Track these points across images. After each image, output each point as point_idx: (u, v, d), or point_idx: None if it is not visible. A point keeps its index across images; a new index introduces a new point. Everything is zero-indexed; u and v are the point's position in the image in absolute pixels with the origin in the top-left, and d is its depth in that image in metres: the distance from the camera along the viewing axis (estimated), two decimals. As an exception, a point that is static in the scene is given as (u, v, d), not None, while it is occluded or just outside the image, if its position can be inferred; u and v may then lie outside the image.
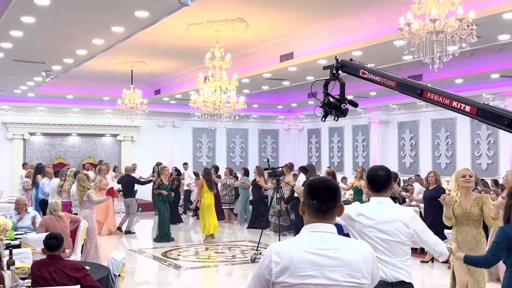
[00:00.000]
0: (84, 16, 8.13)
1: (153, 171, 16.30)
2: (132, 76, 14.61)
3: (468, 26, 6.34)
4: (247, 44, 11.79)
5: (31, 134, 19.44)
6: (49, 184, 12.06)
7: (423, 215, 9.72)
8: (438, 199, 6.07)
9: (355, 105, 4.37)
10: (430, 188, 9.69)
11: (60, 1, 7.29)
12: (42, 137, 19.75)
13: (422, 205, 10.32)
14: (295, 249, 2.39)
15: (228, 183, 15.37)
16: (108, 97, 17.88)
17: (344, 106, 4.21)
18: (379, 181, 3.74)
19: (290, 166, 12.97)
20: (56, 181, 11.49)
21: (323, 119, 4.32)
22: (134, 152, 20.59)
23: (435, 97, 3.63)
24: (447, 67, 8.31)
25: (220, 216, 15.22)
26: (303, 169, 10.12)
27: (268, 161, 10.94)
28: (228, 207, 15.49)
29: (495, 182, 12.86)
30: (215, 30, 10.34)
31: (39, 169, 13.71)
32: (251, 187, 14.64)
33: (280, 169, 10.93)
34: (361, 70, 4.17)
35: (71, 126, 19.82)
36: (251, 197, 14.84)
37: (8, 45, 9.84)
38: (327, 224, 2.45)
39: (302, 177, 11.25)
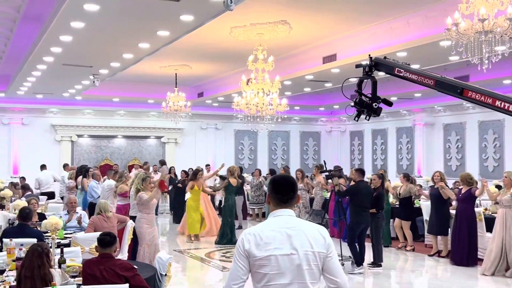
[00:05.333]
0: (131, 21, 8.31)
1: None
2: (176, 79, 14.81)
3: (518, 25, 6.17)
4: (289, 46, 11.79)
5: (79, 136, 19.96)
6: (98, 187, 11.58)
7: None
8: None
9: (389, 104, 4.22)
10: (435, 186, 10.41)
11: (108, 7, 7.47)
12: (89, 139, 20.26)
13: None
14: (264, 230, 2.83)
15: (262, 182, 15.72)
16: (153, 100, 18.20)
17: (376, 105, 4.11)
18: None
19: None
20: (107, 182, 11.08)
21: (356, 118, 4.25)
22: (177, 154, 20.90)
23: (477, 96, 3.51)
24: (494, 68, 8.08)
25: (246, 215, 15.62)
26: (360, 171, 9.81)
27: (325, 163, 10.82)
28: (257, 207, 15.87)
29: None
30: (258, 32, 10.39)
31: (84, 171, 12.67)
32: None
33: (338, 171, 10.67)
34: (396, 69, 4.06)
35: (117, 128, 20.28)
36: None
37: (58, 50, 10.10)
38: (287, 209, 2.93)
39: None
